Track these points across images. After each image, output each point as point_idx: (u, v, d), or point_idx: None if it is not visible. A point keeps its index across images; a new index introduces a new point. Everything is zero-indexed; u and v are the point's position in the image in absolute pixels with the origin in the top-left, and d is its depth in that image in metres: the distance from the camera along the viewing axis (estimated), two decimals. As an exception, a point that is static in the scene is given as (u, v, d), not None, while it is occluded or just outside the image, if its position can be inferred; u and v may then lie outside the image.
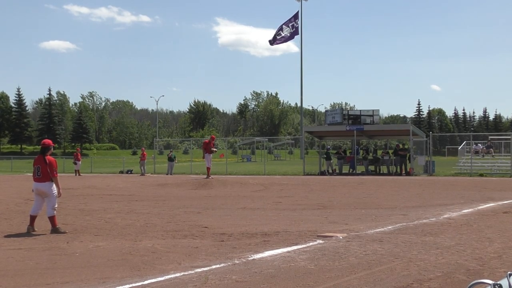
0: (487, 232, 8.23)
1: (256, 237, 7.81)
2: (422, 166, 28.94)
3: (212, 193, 16.60)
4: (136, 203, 13.65)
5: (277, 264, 5.92)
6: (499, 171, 28.72)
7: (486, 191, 16.54)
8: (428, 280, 5.21)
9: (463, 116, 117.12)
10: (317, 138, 37.68)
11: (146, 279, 5.33)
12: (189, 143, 75.70)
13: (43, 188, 8.71)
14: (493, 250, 6.69)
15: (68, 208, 12.08)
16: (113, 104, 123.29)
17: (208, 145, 22.83)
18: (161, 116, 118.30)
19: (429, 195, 15.09)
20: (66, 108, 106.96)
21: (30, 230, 8.68)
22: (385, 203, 13.24)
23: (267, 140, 68.09)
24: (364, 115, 30.91)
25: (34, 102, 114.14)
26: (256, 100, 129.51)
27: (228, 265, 5.92)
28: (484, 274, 5.37)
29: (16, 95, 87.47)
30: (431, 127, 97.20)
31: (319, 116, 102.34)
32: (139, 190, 18.26)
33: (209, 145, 22.77)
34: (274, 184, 20.51)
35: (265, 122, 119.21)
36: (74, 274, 5.64)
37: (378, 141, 52.11)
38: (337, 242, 7.32)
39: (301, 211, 11.51)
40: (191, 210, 11.72)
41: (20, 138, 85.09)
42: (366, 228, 8.63)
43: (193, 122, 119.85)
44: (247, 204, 13.02)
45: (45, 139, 9.46)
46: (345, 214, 10.79)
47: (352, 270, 5.61)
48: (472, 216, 10.22)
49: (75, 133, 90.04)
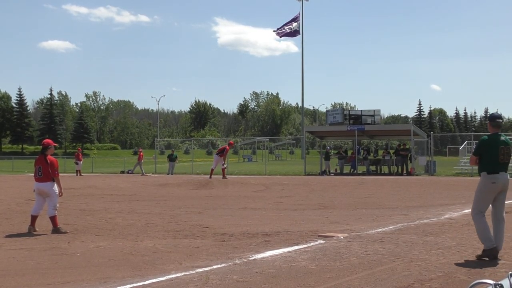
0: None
1: (257, 237, 7.81)
2: (423, 166, 28.93)
3: (213, 193, 16.60)
4: (137, 203, 13.65)
5: (278, 264, 5.92)
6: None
7: (487, 191, 16.50)
8: (429, 280, 5.20)
9: (464, 116, 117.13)
10: (318, 138, 37.67)
11: (147, 279, 5.33)
12: (190, 143, 75.80)
13: (45, 188, 8.72)
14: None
15: (69, 208, 12.08)
16: (114, 104, 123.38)
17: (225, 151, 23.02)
18: (162, 116, 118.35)
19: (430, 195, 15.08)
20: (67, 108, 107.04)
21: (31, 230, 8.69)
22: (386, 203, 13.23)
23: (268, 140, 68.11)
24: (365, 115, 30.92)
25: (35, 102, 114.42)
26: (256, 100, 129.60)
27: (229, 265, 5.92)
28: (485, 274, 5.37)
29: (17, 95, 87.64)
30: (432, 127, 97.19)
31: (320, 116, 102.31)
32: (140, 190, 18.27)
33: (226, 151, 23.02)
34: (275, 184, 20.51)
35: (266, 122, 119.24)
36: (75, 274, 5.64)
37: (379, 141, 52.08)
38: (338, 242, 7.32)
39: (302, 211, 11.51)
40: (192, 210, 11.73)
41: (21, 138, 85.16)
42: (367, 228, 8.63)
43: (194, 122, 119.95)
44: (248, 204, 13.02)
45: (46, 139, 9.47)
46: (346, 214, 10.78)
47: (353, 270, 5.61)
48: (473, 216, 10.20)
49: (76, 133, 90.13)
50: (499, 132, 6.50)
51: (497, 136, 6.43)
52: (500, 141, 6.37)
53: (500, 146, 6.35)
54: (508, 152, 6.40)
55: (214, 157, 23.07)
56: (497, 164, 6.37)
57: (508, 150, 6.39)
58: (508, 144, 6.41)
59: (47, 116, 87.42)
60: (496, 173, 6.37)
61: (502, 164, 6.38)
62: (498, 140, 6.39)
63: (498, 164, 6.37)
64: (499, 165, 6.37)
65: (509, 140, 6.54)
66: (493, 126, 6.52)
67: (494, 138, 6.43)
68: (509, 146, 6.41)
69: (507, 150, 6.38)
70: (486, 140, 6.48)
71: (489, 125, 6.59)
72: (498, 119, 6.57)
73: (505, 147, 6.36)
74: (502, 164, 6.39)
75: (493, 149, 6.37)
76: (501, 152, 6.35)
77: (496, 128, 6.50)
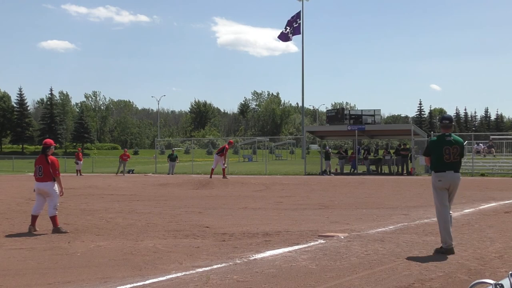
0: (489, 232, 8.22)
1: (257, 237, 7.81)
2: (424, 166, 28.90)
3: (213, 193, 16.60)
4: (137, 203, 13.65)
5: (278, 264, 5.92)
6: (500, 171, 28.69)
7: (488, 191, 16.53)
8: (430, 280, 5.20)
9: (465, 115, 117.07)
10: (319, 138, 37.67)
11: (147, 278, 5.33)
12: (190, 142, 75.77)
13: (45, 187, 8.72)
14: (495, 250, 6.69)
15: (70, 208, 12.09)
16: (114, 104, 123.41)
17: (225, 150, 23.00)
18: (162, 116, 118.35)
19: (430, 195, 15.01)
20: (68, 108, 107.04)
21: (31, 229, 8.69)
22: (386, 203, 13.23)
23: (268, 140, 68.06)
24: (366, 114, 30.90)
25: (35, 102, 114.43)
26: (257, 100, 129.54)
27: (229, 265, 5.92)
28: (485, 274, 5.37)
29: (17, 94, 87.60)
30: (432, 127, 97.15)
31: (320, 116, 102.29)
32: (141, 190, 18.27)
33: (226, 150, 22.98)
34: (275, 184, 20.50)
35: (266, 122, 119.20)
36: (75, 273, 5.64)
37: (380, 141, 52.08)
38: (339, 242, 7.32)
39: (302, 211, 11.51)
40: (193, 210, 11.73)
41: (21, 138, 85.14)
42: (367, 228, 8.63)
43: (194, 121, 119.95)
44: (248, 204, 13.02)
45: (46, 139, 9.47)
46: (346, 214, 10.78)
47: (353, 270, 5.61)
48: (473, 216, 10.22)
49: (76, 133, 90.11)
50: (449, 133, 6.84)
51: (443, 137, 6.78)
52: (445, 142, 6.72)
53: (445, 146, 6.69)
54: (455, 152, 6.69)
55: (214, 156, 23.07)
56: (443, 163, 6.68)
57: (455, 150, 6.69)
58: (455, 144, 6.71)
59: (47, 116, 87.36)
60: (442, 171, 6.70)
61: (448, 163, 6.68)
62: (443, 140, 6.73)
63: (443, 163, 6.68)
64: (445, 164, 6.68)
65: (459, 140, 6.85)
66: (442, 127, 6.93)
67: (440, 138, 6.82)
68: (456, 146, 6.71)
69: (453, 150, 6.68)
70: (433, 141, 6.93)
71: (440, 126, 6.98)
72: (445, 120, 6.95)
73: (451, 147, 6.68)
74: (449, 163, 6.69)
75: (438, 149, 6.72)
76: (446, 152, 6.66)
77: (444, 129, 6.88)
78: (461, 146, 6.78)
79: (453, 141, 6.74)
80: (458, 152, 6.71)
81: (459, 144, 6.76)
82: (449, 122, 6.94)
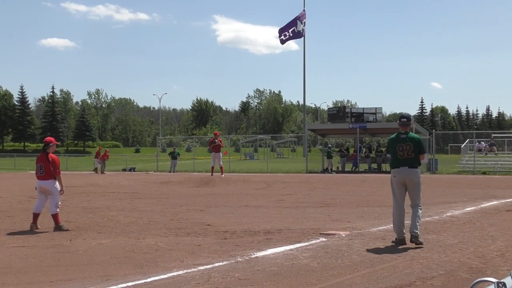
0: (490, 230, 8.21)
1: (259, 235, 7.81)
2: (425, 164, 28.88)
3: (215, 191, 16.60)
4: (139, 200, 13.66)
5: (279, 262, 5.92)
6: (502, 169, 28.65)
7: (489, 189, 16.51)
8: (431, 278, 5.20)
9: (466, 114, 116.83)
10: (320, 136, 37.64)
11: (149, 276, 5.34)
12: (192, 140, 75.79)
13: (46, 186, 8.73)
14: (496, 248, 6.68)
15: (71, 206, 12.10)
16: (115, 102, 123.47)
17: (210, 144, 22.78)
18: (163, 114, 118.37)
19: (432, 193, 15.04)
20: (70, 106, 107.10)
21: (33, 227, 8.71)
22: (387, 201, 13.17)
23: (269, 138, 68.04)
24: (367, 113, 30.88)
25: (36, 100, 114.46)
26: (259, 98, 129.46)
27: (231, 263, 5.92)
28: (487, 273, 5.36)
29: (19, 92, 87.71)
30: (434, 125, 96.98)
31: (322, 114, 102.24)
32: (142, 188, 18.28)
33: (211, 143, 22.53)
34: (277, 182, 20.50)
35: (268, 120, 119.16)
36: (77, 271, 5.65)
37: (381, 139, 52.02)
38: (340, 240, 7.32)
39: (303, 209, 11.51)
40: (194, 208, 11.73)
41: (23, 135, 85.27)
42: (368, 226, 8.63)
43: (196, 119, 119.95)
44: (250, 202, 13.02)
45: (47, 137, 9.47)
46: (348, 212, 10.78)
47: (354, 268, 5.61)
48: (475, 214, 10.21)
49: (78, 131, 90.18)
50: (405, 131, 7.18)
51: (398, 135, 7.18)
52: (400, 139, 7.12)
53: (399, 144, 7.08)
54: (408, 148, 7.03)
55: (211, 154, 22.97)
56: (397, 159, 7.09)
57: (408, 147, 7.04)
58: (408, 141, 7.05)
59: (49, 114, 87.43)
60: (396, 167, 7.10)
61: (402, 160, 7.04)
62: (398, 138, 7.14)
63: (397, 159, 7.08)
64: (399, 161, 7.06)
65: (414, 136, 7.17)
66: (399, 125, 7.26)
67: (395, 136, 7.22)
68: (409, 143, 7.05)
69: (406, 147, 7.05)
70: (390, 139, 7.35)
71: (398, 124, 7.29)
72: (403, 119, 7.23)
73: (404, 144, 7.05)
74: (402, 159, 7.04)
75: (393, 146, 7.17)
76: (399, 149, 7.07)
77: (402, 127, 7.23)
78: (415, 142, 7.07)
79: (407, 139, 7.07)
80: (411, 148, 7.03)
81: (412, 141, 7.07)
82: (406, 121, 7.23)
